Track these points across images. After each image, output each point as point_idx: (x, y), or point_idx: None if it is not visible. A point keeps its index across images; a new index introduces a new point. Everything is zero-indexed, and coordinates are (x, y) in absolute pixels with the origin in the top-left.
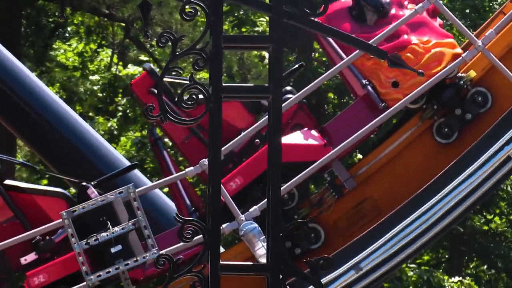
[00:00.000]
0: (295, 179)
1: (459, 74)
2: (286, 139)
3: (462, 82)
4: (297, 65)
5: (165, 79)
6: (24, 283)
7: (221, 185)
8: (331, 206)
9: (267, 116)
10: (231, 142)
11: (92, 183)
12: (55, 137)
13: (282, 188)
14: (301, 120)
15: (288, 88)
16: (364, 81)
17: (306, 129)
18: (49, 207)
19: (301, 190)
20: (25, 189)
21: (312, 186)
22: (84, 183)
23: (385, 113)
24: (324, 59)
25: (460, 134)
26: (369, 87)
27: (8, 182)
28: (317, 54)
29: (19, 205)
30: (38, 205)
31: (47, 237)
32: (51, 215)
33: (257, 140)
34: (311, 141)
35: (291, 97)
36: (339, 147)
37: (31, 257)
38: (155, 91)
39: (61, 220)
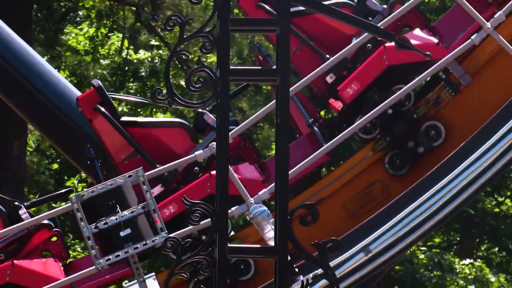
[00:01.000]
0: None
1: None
2: None
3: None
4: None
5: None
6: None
7: (230, 168)
8: (449, 103)
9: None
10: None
11: (208, 109)
12: (63, 120)
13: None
14: (410, 21)
15: None
16: None
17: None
18: (169, 138)
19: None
20: (142, 123)
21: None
22: (200, 110)
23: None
24: None
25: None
26: None
27: (124, 118)
28: None
29: (137, 140)
30: (157, 137)
31: None
32: (171, 145)
33: (369, 45)
34: (423, 41)
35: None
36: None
37: (157, 190)
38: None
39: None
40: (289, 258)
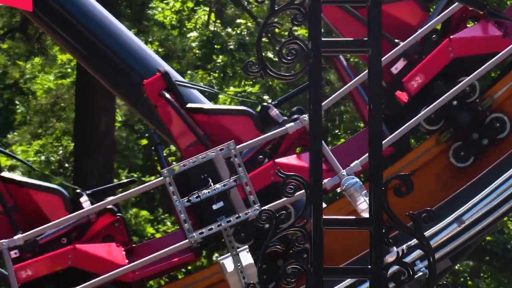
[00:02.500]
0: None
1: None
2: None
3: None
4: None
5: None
6: None
7: (322, 141)
8: None
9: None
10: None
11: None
12: None
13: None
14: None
15: None
16: None
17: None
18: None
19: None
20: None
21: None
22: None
23: None
24: None
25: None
26: None
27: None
28: None
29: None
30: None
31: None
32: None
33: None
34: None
35: None
36: None
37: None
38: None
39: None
40: (383, 229)
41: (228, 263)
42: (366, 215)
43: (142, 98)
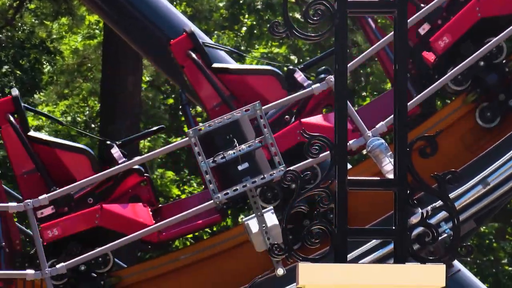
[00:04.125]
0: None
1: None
2: None
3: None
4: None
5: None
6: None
7: (348, 103)
8: None
9: None
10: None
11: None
12: None
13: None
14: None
15: None
16: None
17: None
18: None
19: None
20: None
21: None
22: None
23: None
24: None
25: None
26: None
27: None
28: None
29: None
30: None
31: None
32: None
33: None
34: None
35: None
36: None
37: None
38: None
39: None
40: (408, 190)
41: (253, 224)
42: (391, 176)
43: (169, 58)
